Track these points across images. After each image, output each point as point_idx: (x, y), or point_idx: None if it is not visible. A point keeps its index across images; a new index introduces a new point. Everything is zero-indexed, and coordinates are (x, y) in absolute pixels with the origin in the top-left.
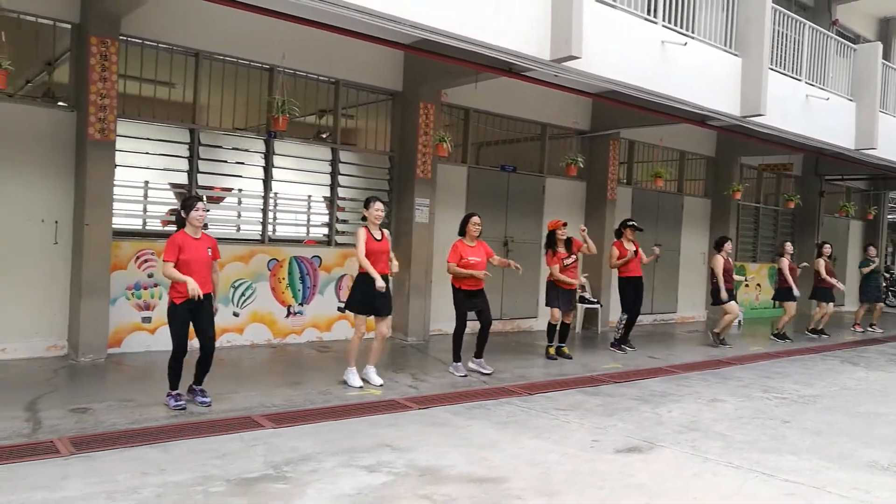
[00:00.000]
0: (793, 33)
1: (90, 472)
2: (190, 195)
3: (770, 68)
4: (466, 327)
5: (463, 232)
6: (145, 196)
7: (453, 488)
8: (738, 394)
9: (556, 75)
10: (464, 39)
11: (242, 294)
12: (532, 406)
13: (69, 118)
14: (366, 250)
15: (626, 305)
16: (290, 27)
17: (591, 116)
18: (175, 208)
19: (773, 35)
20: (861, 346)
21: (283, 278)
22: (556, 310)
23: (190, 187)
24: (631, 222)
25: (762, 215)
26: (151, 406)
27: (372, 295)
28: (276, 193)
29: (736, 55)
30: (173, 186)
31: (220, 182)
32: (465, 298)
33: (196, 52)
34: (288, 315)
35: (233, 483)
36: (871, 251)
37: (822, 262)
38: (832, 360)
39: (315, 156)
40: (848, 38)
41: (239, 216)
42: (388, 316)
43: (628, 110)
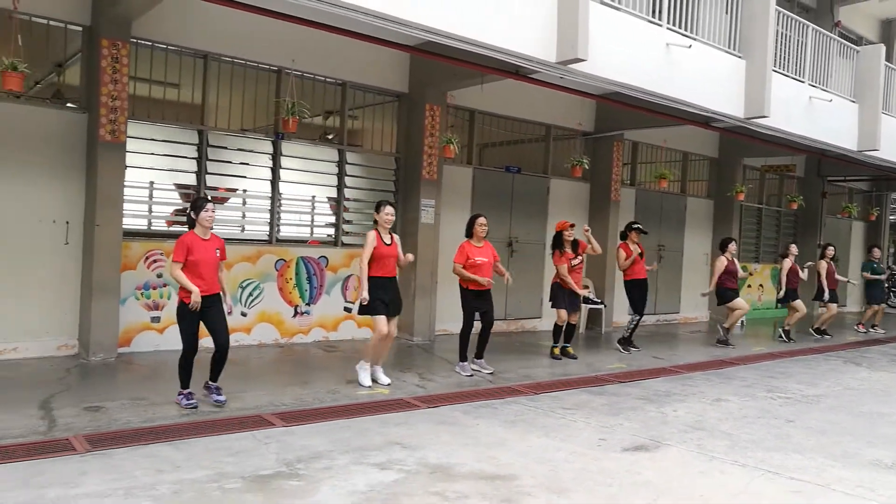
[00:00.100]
0: (796, 35)
1: (107, 469)
2: (200, 196)
3: (773, 70)
4: (473, 327)
5: (470, 233)
6: (150, 197)
7: (464, 485)
8: (743, 393)
9: (562, 77)
10: (471, 42)
11: (250, 294)
12: (538, 405)
13: (80, 120)
14: (375, 254)
15: (637, 306)
16: (297, 29)
17: (595, 118)
18: (180, 208)
19: (776, 37)
20: (863, 346)
21: (291, 278)
22: (562, 311)
23: (198, 188)
24: (636, 225)
25: (765, 216)
26: (163, 405)
27: (383, 295)
28: (282, 194)
29: (740, 57)
30: (179, 187)
31: (228, 183)
32: (472, 299)
33: (204, 55)
34: (295, 315)
35: (248, 480)
36: (876, 253)
37: (824, 264)
38: (835, 360)
39: (322, 157)
40: (850, 40)
41: (243, 216)
42: (397, 316)
43: (632, 112)
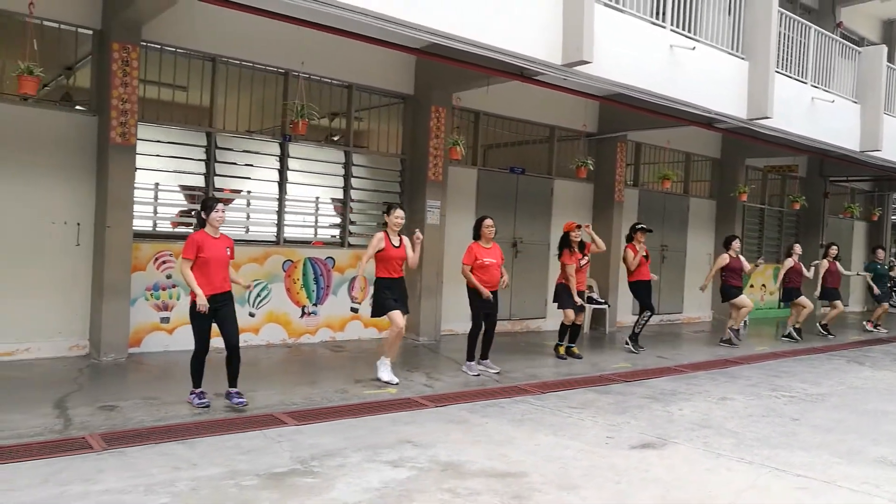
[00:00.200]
0: (798, 36)
1: (125, 467)
2: (210, 197)
3: (776, 71)
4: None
5: (478, 235)
6: (155, 198)
7: (476, 482)
8: (747, 392)
9: (565, 78)
10: (476, 44)
11: (258, 295)
12: (545, 404)
13: (90, 122)
14: (383, 255)
15: (646, 303)
16: (304, 32)
17: (599, 119)
18: (185, 209)
19: (778, 38)
20: (866, 345)
21: (298, 279)
22: (570, 311)
23: (207, 190)
24: (640, 225)
25: (767, 216)
26: (175, 404)
27: (394, 294)
28: (289, 196)
29: (742, 58)
30: (185, 189)
31: (236, 185)
32: (480, 300)
33: (213, 57)
34: (302, 315)
35: (263, 477)
36: (880, 254)
37: (825, 263)
38: (838, 359)
39: (328, 158)
40: (852, 41)
41: (247, 217)
42: (405, 315)
43: (636, 113)
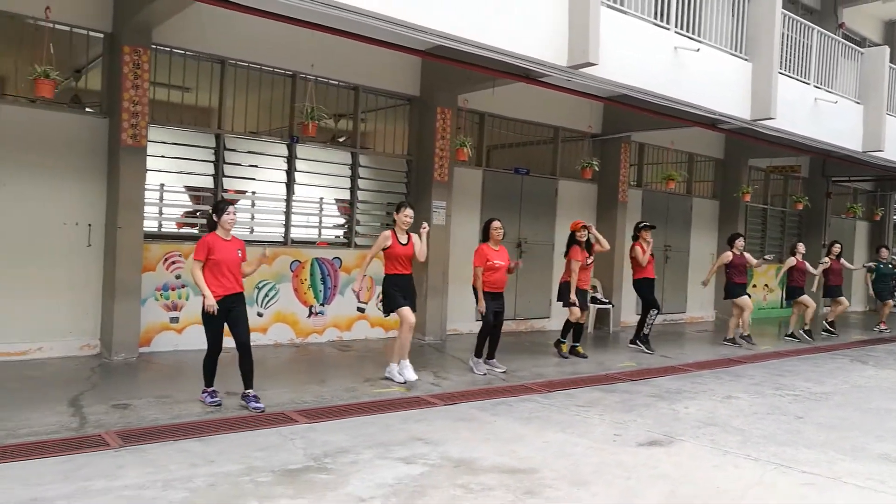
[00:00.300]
0: (801, 37)
1: (143, 463)
2: (222, 199)
3: (779, 72)
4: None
5: (486, 237)
6: (161, 199)
7: (488, 478)
8: (752, 391)
9: (569, 80)
10: (482, 46)
11: (266, 295)
12: (552, 402)
13: (101, 124)
14: (390, 253)
15: (652, 301)
16: (311, 35)
17: (603, 120)
18: (190, 211)
19: (781, 39)
20: (869, 345)
21: (305, 279)
22: (576, 308)
23: (215, 191)
24: (644, 223)
25: (769, 216)
26: (187, 402)
27: (403, 290)
28: (297, 197)
29: (746, 60)
30: (191, 189)
31: (245, 186)
32: (490, 300)
33: (222, 60)
34: (310, 315)
35: (278, 473)
36: (884, 253)
37: (828, 261)
38: (841, 358)
39: (335, 160)
40: (854, 42)
41: (252, 218)
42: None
43: (640, 114)
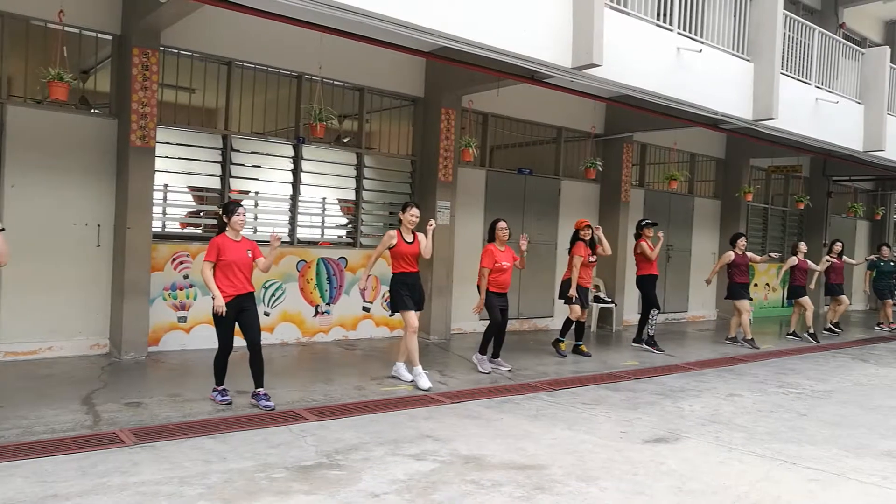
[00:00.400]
0: (802, 38)
1: (158, 460)
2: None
3: (781, 73)
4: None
5: (492, 237)
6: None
7: (498, 474)
8: (755, 389)
9: (572, 80)
10: (487, 48)
11: (273, 294)
12: (558, 400)
13: (110, 125)
14: (396, 252)
15: (654, 301)
16: (317, 36)
17: (605, 120)
18: (193, 211)
19: (783, 40)
20: (870, 343)
21: (311, 279)
22: (576, 306)
23: (222, 191)
24: (646, 221)
25: (771, 216)
26: (198, 401)
27: (410, 291)
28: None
29: (748, 60)
30: (200, 190)
31: (252, 186)
32: (495, 298)
33: (228, 61)
34: (316, 314)
35: (292, 470)
36: (885, 252)
37: (831, 260)
38: (843, 357)
39: (341, 160)
40: (855, 42)
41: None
42: (419, 312)
43: (643, 114)
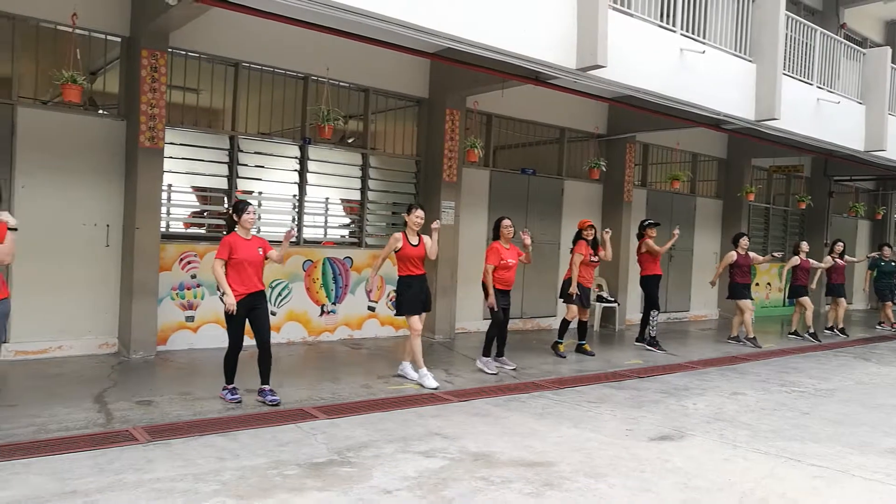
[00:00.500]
0: (804, 38)
1: (172, 457)
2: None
3: (783, 73)
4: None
5: (497, 235)
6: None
7: (507, 471)
8: (758, 388)
9: (575, 81)
10: (494, 49)
11: (279, 294)
12: (563, 399)
13: (119, 127)
14: (402, 255)
15: (656, 301)
16: (323, 38)
17: (608, 120)
18: (198, 211)
19: (785, 40)
20: (871, 343)
21: (317, 279)
22: (573, 306)
23: (229, 192)
24: (648, 221)
25: (772, 215)
26: (208, 399)
27: (417, 293)
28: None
29: (750, 61)
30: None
31: (259, 187)
32: (500, 297)
33: (235, 63)
34: (322, 314)
35: (304, 467)
36: (886, 251)
37: (829, 260)
38: (845, 356)
39: (346, 161)
40: (856, 42)
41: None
42: (426, 313)
43: (645, 115)
